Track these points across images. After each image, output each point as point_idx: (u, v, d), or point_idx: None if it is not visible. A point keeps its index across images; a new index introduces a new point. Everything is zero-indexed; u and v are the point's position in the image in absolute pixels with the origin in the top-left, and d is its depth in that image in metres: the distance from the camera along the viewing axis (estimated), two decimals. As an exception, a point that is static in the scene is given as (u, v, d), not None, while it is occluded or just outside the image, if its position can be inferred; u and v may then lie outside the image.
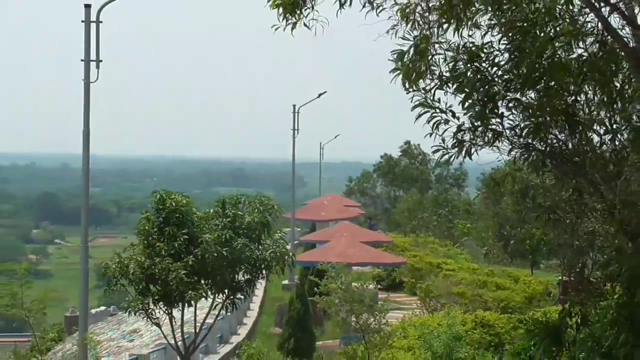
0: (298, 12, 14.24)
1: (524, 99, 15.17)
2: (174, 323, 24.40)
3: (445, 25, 14.31)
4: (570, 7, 15.24)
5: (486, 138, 15.10)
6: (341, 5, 14.33)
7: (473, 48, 15.00)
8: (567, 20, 15.20)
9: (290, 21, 14.34)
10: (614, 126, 15.98)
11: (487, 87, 14.95)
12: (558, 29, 15.12)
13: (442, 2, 14.00)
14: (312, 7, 14.27)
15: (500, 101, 15.09)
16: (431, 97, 14.68)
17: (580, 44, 15.28)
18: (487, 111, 14.98)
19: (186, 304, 24.06)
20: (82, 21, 22.75)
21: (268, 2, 14.21)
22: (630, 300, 15.88)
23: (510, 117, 15.20)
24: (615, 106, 15.82)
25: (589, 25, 15.40)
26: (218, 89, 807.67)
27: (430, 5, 14.28)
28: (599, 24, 15.28)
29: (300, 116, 58.00)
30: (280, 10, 14.22)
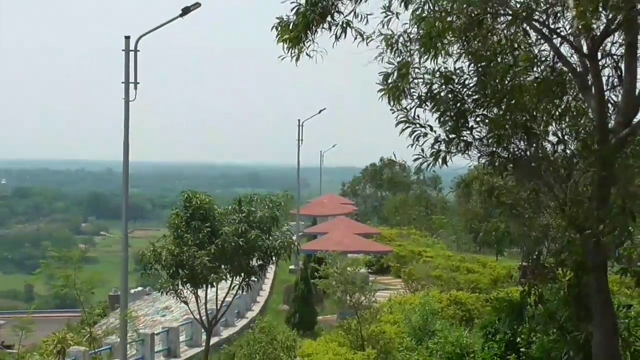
0: (301, 45, 14.24)
1: (489, 114, 15.21)
2: (199, 301, 24.44)
3: (423, 53, 14.35)
4: (527, 39, 15.30)
5: (458, 147, 15.15)
6: (337, 38, 14.34)
7: (446, 72, 15.04)
8: (525, 49, 15.25)
9: (294, 53, 14.34)
10: (565, 137, 16.02)
11: (458, 105, 15.00)
12: (517, 56, 15.17)
13: (421, 34, 14.02)
14: (312, 40, 14.27)
15: (470, 117, 15.13)
16: (412, 115, 14.73)
17: (536, 69, 15.32)
18: (459, 125, 15.03)
19: (209, 285, 24.11)
20: (123, 50, 22.80)
21: (276, 37, 14.20)
22: (578, 283, 15.93)
23: (478, 129, 15.25)
24: (565, 120, 15.86)
25: (543, 53, 15.45)
26: (236, 104, 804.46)
27: (410, 36, 14.31)
28: (552, 52, 15.34)
29: (304, 128, 57.84)
30: (286, 44, 14.23)
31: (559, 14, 15.01)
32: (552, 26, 15.11)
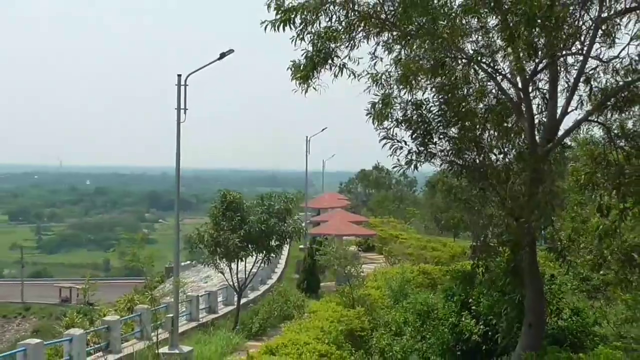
0: (309, 81, 14.17)
1: (449, 133, 15.19)
2: (232, 271, 24.43)
3: (400, 87, 14.33)
4: (478, 76, 15.27)
5: (426, 157, 15.14)
6: (335, 76, 14.29)
7: (417, 101, 15.05)
8: (476, 84, 15.24)
9: (304, 87, 14.27)
10: (505, 150, 15.98)
11: (426, 125, 14.99)
12: (470, 89, 15.14)
13: (399, 73, 13.97)
14: (317, 77, 14.21)
15: (434, 134, 15.11)
16: (391, 133, 14.73)
17: (484, 99, 15.31)
18: (426, 141, 15.03)
19: (239, 260, 24.09)
20: (176, 85, 22.69)
21: (290, 75, 14.13)
22: (514, 258, 15.90)
23: (441, 144, 15.24)
24: (505, 137, 15.84)
25: (489, 87, 15.43)
26: (258, 121, 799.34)
27: (390, 75, 14.26)
28: (495, 87, 15.31)
29: (311, 142, 57.43)
30: (297, 80, 14.18)
31: (500, 59, 15.04)
32: (496, 67, 15.10)
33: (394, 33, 14.06)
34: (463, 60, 14.60)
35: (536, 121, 15.36)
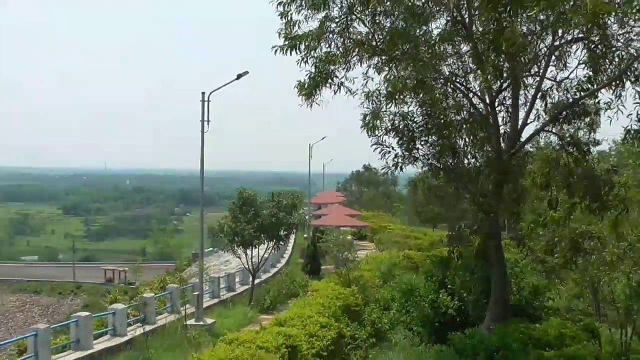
0: (312, 97, 14.13)
1: (430, 140, 15.15)
2: (247, 256, 24.36)
3: (388, 102, 14.30)
4: (454, 93, 15.25)
5: (410, 160, 15.11)
6: (334, 93, 14.29)
7: (403, 114, 15.02)
8: (452, 100, 15.21)
9: (309, 102, 14.23)
10: (476, 155, 15.96)
11: (410, 134, 14.94)
12: (448, 104, 15.12)
13: (388, 90, 13.97)
14: (319, 94, 14.18)
15: (417, 141, 15.07)
16: (381, 140, 14.69)
17: (460, 112, 15.28)
18: (410, 147, 14.98)
19: (253, 247, 24.02)
20: (200, 100, 22.56)
21: (297, 93, 14.10)
22: (483, 245, 15.86)
23: (422, 150, 15.20)
24: (477, 145, 15.81)
25: (463, 102, 15.40)
26: (276, 131, 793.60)
27: (380, 92, 14.25)
28: (468, 102, 15.29)
29: (313, 148, 57.23)
30: (303, 97, 14.15)
31: (472, 79, 15.04)
32: (468, 86, 15.09)
33: (383, 57, 14.07)
34: (441, 80, 14.60)
35: (501, 131, 15.35)
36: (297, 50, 13.60)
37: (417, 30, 13.40)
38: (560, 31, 13.54)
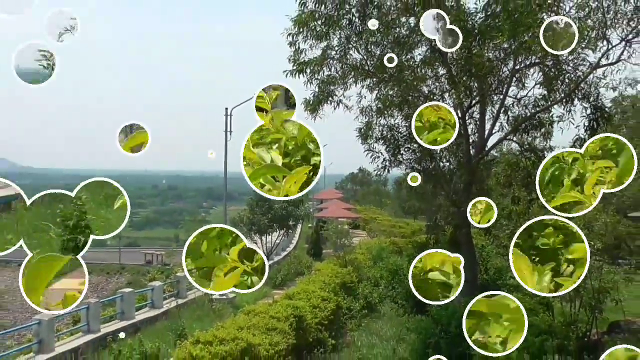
0: (315, 112, 14.20)
1: (412, 147, 15.21)
2: (262, 242, 24.42)
3: (379, 116, 14.36)
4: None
5: (396, 164, 15.16)
6: (334, 109, 14.36)
7: (390, 125, 15.06)
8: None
9: (313, 116, 14.31)
10: (450, 159, 16.00)
11: (396, 142, 15.00)
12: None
13: (379, 106, 14.02)
14: (322, 109, 14.25)
15: (402, 148, 15.13)
16: (372, 147, 14.76)
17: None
18: (396, 152, 15.03)
19: (267, 234, 24.08)
20: (224, 114, 22.71)
21: (303, 110, 14.17)
22: (455, 234, 15.91)
23: (406, 155, 15.25)
24: (450, 151, 15.85)
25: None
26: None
27: (372, 107, 14.31)
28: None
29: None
30: (308, 112, 14.21)
31: (447, 97, 15.07)
32: (444, 103, 15.08)
33: (374, 79, 14.14)
34: (421, 97, 14.65)
35: (471, 140, 15.39)
36: (304, 74, 13.70)
37: (402, 57, 13.47)
38: (520, 57, 13.61)
